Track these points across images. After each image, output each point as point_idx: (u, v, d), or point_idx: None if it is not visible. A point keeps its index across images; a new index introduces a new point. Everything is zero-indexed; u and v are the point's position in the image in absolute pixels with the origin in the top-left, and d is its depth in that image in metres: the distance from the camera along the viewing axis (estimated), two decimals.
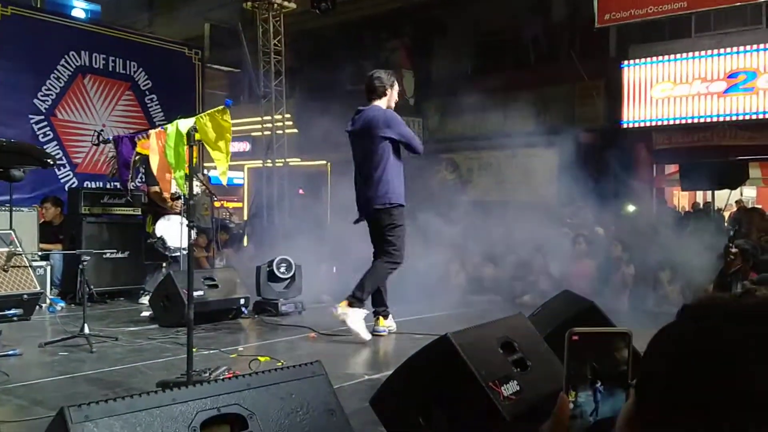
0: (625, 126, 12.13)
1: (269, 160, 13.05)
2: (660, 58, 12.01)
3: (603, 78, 12.85)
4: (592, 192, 8.77)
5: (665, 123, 11.99)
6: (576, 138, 11.07)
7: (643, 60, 12.15)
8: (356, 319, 4.97)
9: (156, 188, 6.98)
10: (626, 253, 7.22)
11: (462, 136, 13.38)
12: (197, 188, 6.49)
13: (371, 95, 5.32)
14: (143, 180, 7.88)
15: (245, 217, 15.38)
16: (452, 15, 14.46)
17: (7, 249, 5.15)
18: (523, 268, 7.88)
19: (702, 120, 11.69)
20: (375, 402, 2.56)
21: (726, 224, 7.54)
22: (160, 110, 10.59)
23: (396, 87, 5.41)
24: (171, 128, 3.40)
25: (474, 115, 12.04)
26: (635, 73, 12.20)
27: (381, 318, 5.31)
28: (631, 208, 10.31)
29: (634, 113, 12.19)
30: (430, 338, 4.26)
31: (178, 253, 6.89)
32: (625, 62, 12.31)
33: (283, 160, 13.09)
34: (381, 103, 5.30)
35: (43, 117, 9.41)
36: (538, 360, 2.78)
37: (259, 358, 4.19)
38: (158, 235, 6.92)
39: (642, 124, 12.09)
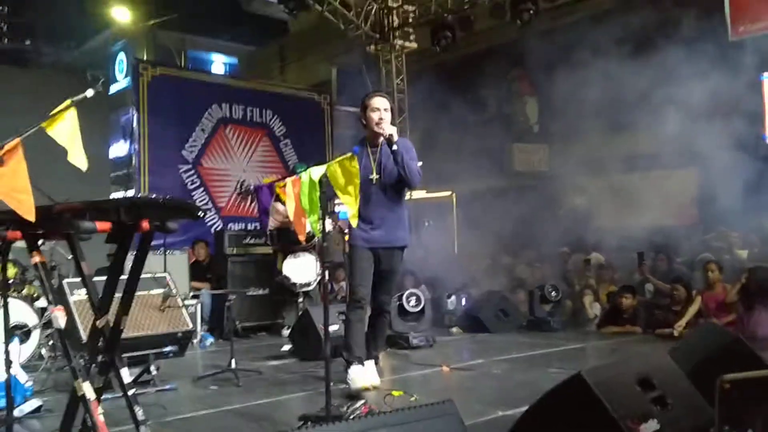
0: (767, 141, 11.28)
1: None
2: None
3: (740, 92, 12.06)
4: (736, 213, 8.22)
5: None
6: (713, 156, 10.44)
7: None
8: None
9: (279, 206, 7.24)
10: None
11: (589, 159, 13.00)
12: (329, 226, 6.79)
13: None
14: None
15: None
16: (573, 39, 14.20)
17: (162, 290, 5.63)
18: (663, 297, 7.51)
19: None
20: None
21: None
22: (293, 153, 11.25)
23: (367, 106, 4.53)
24: (305, 177, 3.66)
25: (601, 138, 11.69)
26: None
27: None
28: None
29: None
30: (564, 373, 4.20)
31: (306, 288, 7.40)
32: (765, 74, 11.49)
33: (409, 193, 13.31)
34: None
35: (190, 166, 10.26)
36: (679, 397, 2.68)
37: (393, 392, 4.29)
38: (284, 273, 7.37)
39: None
